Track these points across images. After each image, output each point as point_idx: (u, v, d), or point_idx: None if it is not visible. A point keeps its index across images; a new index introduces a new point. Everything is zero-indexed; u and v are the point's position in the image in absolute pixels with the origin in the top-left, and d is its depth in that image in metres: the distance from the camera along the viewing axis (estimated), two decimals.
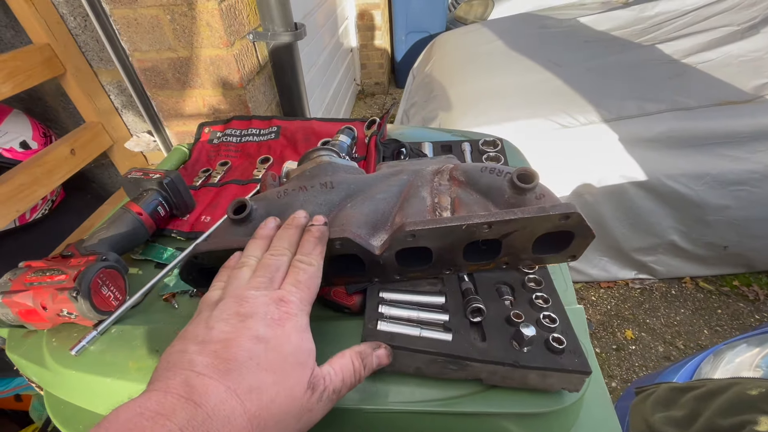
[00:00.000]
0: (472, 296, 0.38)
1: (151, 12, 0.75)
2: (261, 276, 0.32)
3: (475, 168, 0.42)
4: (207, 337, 0.28)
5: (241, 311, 0.29)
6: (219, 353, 0.26)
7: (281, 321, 0.29)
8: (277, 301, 0.30)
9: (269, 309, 0.29)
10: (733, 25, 1.71)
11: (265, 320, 0.29)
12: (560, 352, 0.34)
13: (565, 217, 0.35)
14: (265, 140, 0.75)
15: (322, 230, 0.36)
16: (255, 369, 0.26)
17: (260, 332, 0.28)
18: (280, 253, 0.34)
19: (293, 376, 0.28)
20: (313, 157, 0.49)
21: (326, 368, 0.31)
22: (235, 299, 0.30)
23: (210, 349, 0.27)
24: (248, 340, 0.27)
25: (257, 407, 0.25)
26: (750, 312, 1.67)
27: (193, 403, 0.23)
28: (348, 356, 0.32)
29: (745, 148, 1.40)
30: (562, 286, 0.46)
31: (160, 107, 0.90)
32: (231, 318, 0.29)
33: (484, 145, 0.63)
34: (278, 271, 0.33)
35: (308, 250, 0.35)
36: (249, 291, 0.31)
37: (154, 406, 0.23)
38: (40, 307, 0.41)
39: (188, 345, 0.27)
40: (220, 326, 0.28)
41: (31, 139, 0.95)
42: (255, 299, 0.30)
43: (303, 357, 0.29)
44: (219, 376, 0.25)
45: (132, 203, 0.54)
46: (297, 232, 0.37)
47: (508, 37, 2.19)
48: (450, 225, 0.35)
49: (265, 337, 0.28)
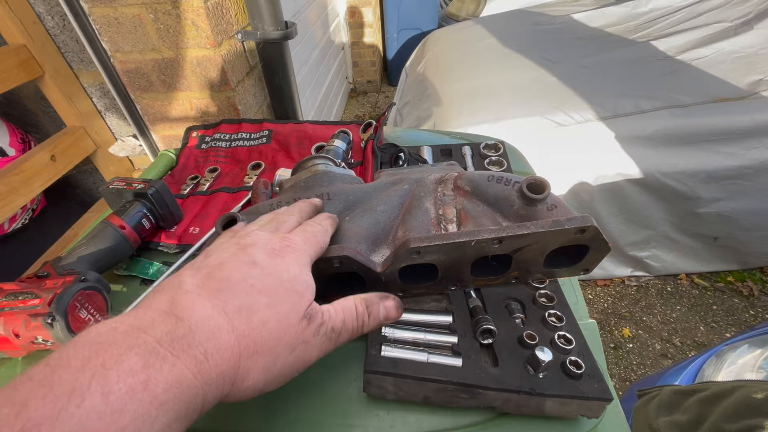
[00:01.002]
0: (482, 316, 0.35)
1: (133, 11, 0.71)
2: (267, 223, 0.33)
3: (481, 177, 0.40)
4: (203, 264, 0.27)
5: (242, 242, 0.28)
6: (212, 274, 0.26)
7: (282, 252, 0.28)
8: (281, 238, 0.30)
9: (272, 241, 0.29)
10: (727, 22, 1.71)
11: (266, 249, 0.28)
12: (579, 378, 0.31)
13: (581, 231, 0.32)
14: (256, 145, 0.72)
15: (335, 217, 0.37)
16: (247, 289, 0.25)
17: (258, 258, 0.27)
18: (290, 213, 0.34)
19: (288, 301, 0.26)
20: (307, 166, 0.46)
21: (326, 306, 0.29)
22: (239, 236, 0.30)
23: (203, 272, 0.26)
24: (244, 264, 0.26)
25: (246, 327, 0.24)
26: (745, 308, 1.68)
27: (175, 317, 0.22)
28: (351, 300, 0.30)
29: (740, 145, 1.40)
30: (572, 299, 0.44)
31: (144, 110, 0.87)
32: (231, 247, 0.28)
33: (485, 148, 0.61)
34: (285, 223, 0.33)
35: (320, 219, 0.35)
36: (253, 230, 0.31)
37: (130, 320, 0.21)
38: (12, 335, 0.38)
39: (182, 272, 0.26)
40: (217, 254, 0.28)
41: (8, 146, 0.91)
42: (258, 235, 0.30)
43: (301, 287, 0.27)
44: (208, 294, 0.24)
45: (114, 216, 0.51)
46: (310, 206, 0.37)
47: (501, 35, 2.17)
48: (457, 241, 0.33)
49: (263, 263, 0.27)
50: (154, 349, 0.20)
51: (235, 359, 0.23)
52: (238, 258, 0.27)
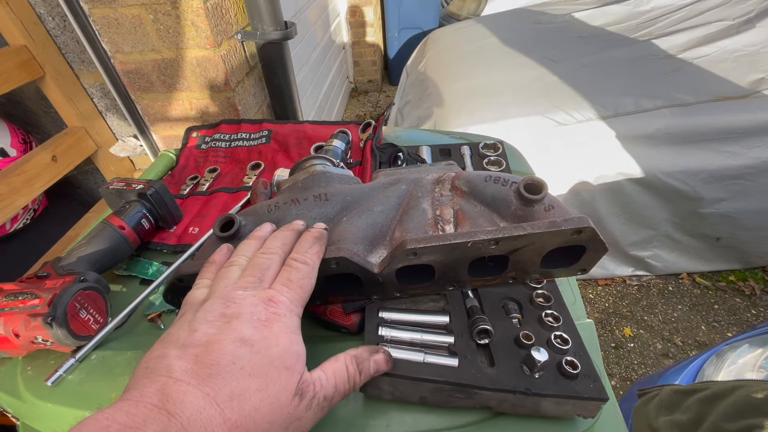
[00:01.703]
0: (479, 316, 0.36)
1: (133, 11, 0.71)
2: (250, 276, 0.30)
3: (478, 177, 0.40)
4: (188, 340, 0.26)
5: (227, 312, 0.27)
6: (200, 357, 0.24)
7: (269, 322, 0.27)
8: (265, 301, 0.28)
9: (256, 309, 0.27)
10: (728, 20, 1.70)
11: (252, 321, 0.27)
12: (574, 378, 0.31)
13: (577, 232, 0.32)
14: (256, 145, 0.72)
15: (321, 232, 0.35)
16: (238, 374, 0.24)
17: (245, 334, 0.26)
18: (273, 252, 0.32)
19: (279, 381, 0.25)
20: (305, 166, 0.46)
21: (317, 373, 0.28)
22: (222, 300, 0.28)
23: (191, 353, 0.25)
24: (232, 343, 0.25)
25: (238, 416, 0.23)
26: (746, 307, 1.67)
27: (167, 413, 0.21)
28: (342, 360, 0.30)
29: (742, 144, 1.39)
30: (570, 298, 0.44)
31: (145, 111, 0.87)
32: (216, 320, 0.27)
33: (484, 148, 0.61)
34: (268, 270, 0.31)
35: (304, 248, 0.33)
36: (236, 291, 0.29)
37: (123, 417, 0.21)
38: (12, 335, 0.38)
39: (168, 349, 0.25)
40: (203, 328, 0.26)
41: (10, 146, 0.91)
42: (242, 299, 0.28)
43: (291, 361, 0.27)
44: (198, 382, 0.23)
45: (114, 216, 0.51)
46: (292, 234, 0.35)
47: (502, 34, 2.16)
48: (454, 242, 0.33)
49: (251, 339, 0.26)
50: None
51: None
52: (225, 335, 0.25)
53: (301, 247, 0.33)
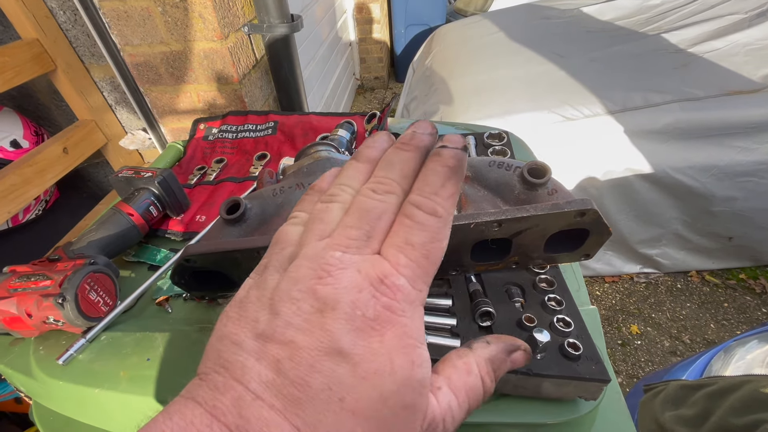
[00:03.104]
0: (481, 299, 0.36)
1: (142, 4, 0.72)
2: (353, 226, 0.20)
3: (482, 162, 0.40)
4: (269, 328, 0.19)
5: (320, 291, 0.19)
6: (283, 365, 0.18)
7: (379, 324, 0.18)
8: (375, 284, 0.19)
9: (361, 297, 0.18)
10: (740, 13, 1.67)
11: (353, 319, 0.18)
12: (576, 359, 0.31)
13: (580, 214, 0.32)
14: (262, 136, 0.73)
15: (459, 156, 0.22)
16: (336, 407, 0.17)
17: (344, 342, 0.18)
18: (387, 189, 0.21)
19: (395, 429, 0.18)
20: (310, 152, 0.47)
21: (446, 399, 0.20)
22: (313, 264, 0.20)
23: (271, 354, 0.18)
24: (325, 355, 0.18)
25: None
26: (757, 305, 1.65)
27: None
28: (476, 372, 0.22)
29: (754, 139, 1.37)
30: (574, 285, 0.44)
31: (153, 103, 0.88)
32: (303, 300, 0.19)
33: (489, 138, 0.61)
34: (380, 220, 0.20)
35: (433, 187, 0.21)
36: (333, 252, 0.20)
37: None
38: (24, 315, 0.39)
39: (245, 333, 0.19)
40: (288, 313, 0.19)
41: (22, 138, 0.93)
42: (341, 272, 0.19)
43: (412, 395, 0.18)
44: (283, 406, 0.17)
45: (123, 203, 0.52)
46: (417, 156, 0.23)
47: (509, 29, 2.15)
48: (457, 224, 0.33)
49: (352, 352, 0.18)
50: None
51: None
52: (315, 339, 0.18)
53: (429, 184, 0.21)
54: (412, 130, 0.24)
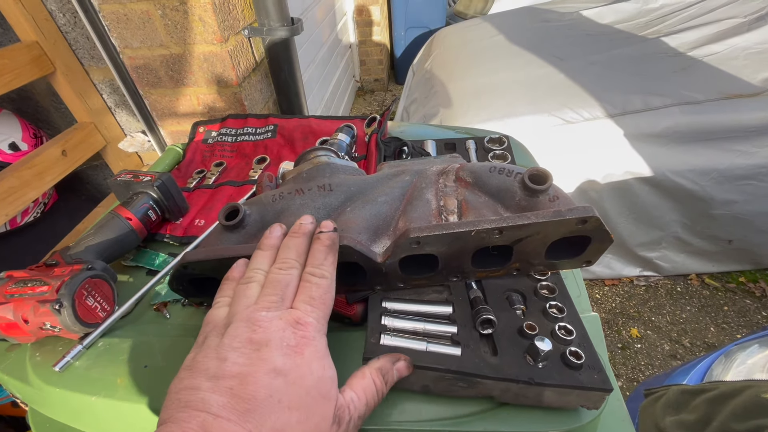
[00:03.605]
0: (482, 306, 0.35)
1: (141, 7, 0.72)
2: (271, 294, 0.29)
3: (483, 168, 0.40)
4: (219, 371, 0.25)
5: (255, 338, 0.26)
6: (235, 391, 0.24)
7: (299, 348, 0.27)
8: (293, 324, 0.28)
9: (285, 334, 0.27)
10: (740, 17, 1.68)
11: (282, 348, 0.26)
12: (578, 368, 0.31)
13: (582, 222, 0.32)
14: (262, 139, 0.72)
15: (333, 237, 0.33)
16: (276, 407, 0.24)
17: (278, 364, 0.25)
18: (289, 266, 0.31)
19: (318, 411, 0.25)
20: (310, 157, 0.46)
21: (348, 394, 0.28)
22: (246, 323, 0.27)
23: (224, 385, 0.24)
24: (266, 375, 0.25)
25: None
26: (757, 309, 1.65)
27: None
28: (369, 376, 0.30)
29: (753, 143, 1.37)
30: (575, 291, 0.43)
31: (153, 106, 0.88)
32: (243, 347, 0.26)
33: (489, 142, 0.61)
34: (288, 287, 0.30)
35: (319, 260, 0.32)
36: (260, 312, 0.28)
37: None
38: (21, 321, 0.38)
39: (199, 380, 0.25)
40: (233, 357, 0.26)
41: (21, 141, 0.93)
42: (269, 323, 0.27)
43: (326, 388, 0.27)
44: (238, 417, 0.23)
45: (121, 207, 0.51)
46: (305, 241, 0.33)
47: (509, 32, 2.15)
48: (458, 231, 0.33)
49: (284, 369, 0.25)
50: None
51: None
52: (258, 366, 0.25)
53: (316, 258, 0.32)
54: (299, 222, 0.35)
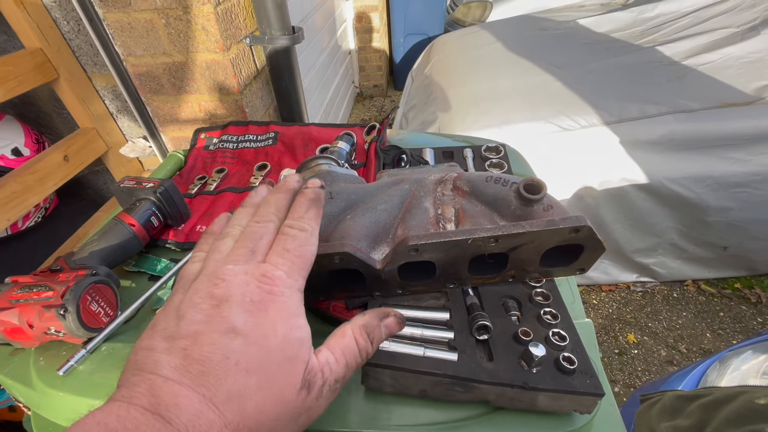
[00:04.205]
0: (478, 312, 0.36)
1: (146, 16, 0.73)
2: (242, 247, 0.27)
3: (479, 177, 0.41)
4: (176, 330, 0.23)
5: (216, 293, 0.24)
6: (189, 351, 0.22)
7: (263, 304, 0.24)
8: (258, 278, 0.25)
9: (248, 289, 0.24)
10: (733, 27, 1.71)
11: (243, 305, 0.24)
12: (571, 373, 0.32)
13: (575, 231, 0.33)
14: (263, 146, 0.74)
15: (317, 192, 0.32)
16: (233, 371, 0.22)
17: (237, 322, 0.23)
18: (266, 220, 0.29)
19: (282, 376, 0.23)
20: (311, 166, 0.48)
21: (324, 356, 0.26)
22: (210, 277, 0.25)
23: (179, 346, 0.22)
24: (223, 335, 0.23)
25: (240, 418, 0.21)
26: (752, 315, 1.66)
27: (161, 419, 0.19)
28: (350, 335, 0.27)
29: (747, 150, 1.39)
30: (569, 298, 0.44)
31: (155, 113, 0.89)
32: (203, 302, 0.24)
33: (486, 151, 0.62)
34: (262, 240, 0.28)
35: (299, 213, 0.30)
36: (226, 266, 0.26)
37: (114, 423, 0.19)
38: (26, 326, 0.39)
39: (155, 340, 0.23)
40: (190, 314, 0.24)
41: (24, 146, 0.93)
42: (232, 277, 0.25)
43: (292, 350, 0.24)
44: (191, 381, 0.21)
45: (124, 213, 0.52)
46: (287, 196, 0.31)
47: (507, 40, 2.18)
48: (455, 239, 0.34)
49: (244, 328, 0.23)
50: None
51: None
52: (213, 325, 0.23)
53: (296, 212, 0.30)
54: (284, 179, 0.33)
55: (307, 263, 0.28)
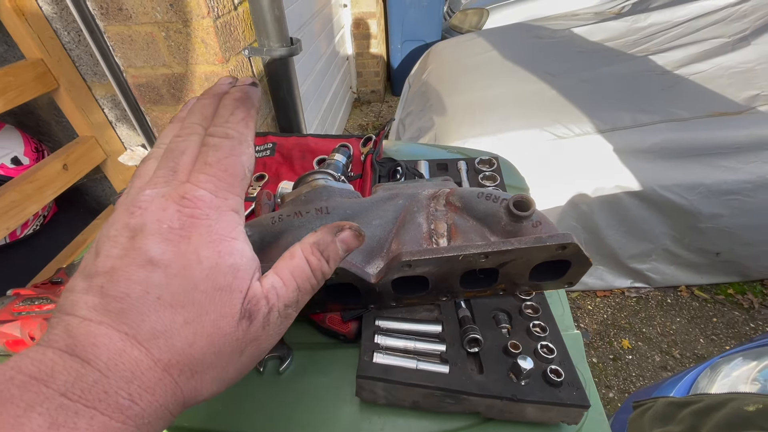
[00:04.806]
0: (469, 325, 0.38)
1: (146, 29, 0.75)
2: (162, 167, 0.24)
3: (471, 194, 0.42)
4: (93, 267, 0.21)
5: (131, 223, 0.21)
6: (106, 289, 0.20)
7: (185, 230, 0.21)
8: (177, 201, 0.22)
9: (166, 215, 0.21)
10: (724, 37, 1.74)
11: (161, 234, 0.21)
12: (558, 385, 0.33)
13: (562, 248, 0.34)
14: (261, 157, 0.75)
15: (246, 89, 0.27)
16: (155, 305, 0.20)
17: (154, 253, 0.21)
18: (188, 132, 0.25)
19: (213, 307, 0.21)
20: (308, 180, 0.49)
21: (270, 280, 0.23)
22: (127, 206, 0.22)
23: (96, 284, 0.20)
24: (140, 268, 0.20)
25: (170, 354, 0.20)
26: (745, 320, 1.68)
27: (79, 360, 0.18)
28: (299, 254, 0.25)
29: (738, 159, 1.42)
30: (558, 310, 0.46)
31: (154, 122, 0.90)
32: (119, 235, 0.21)
33: (480, 163, 0.63)
34: (183, 155, 0.24)
35: (223, 118, 0.25)
36: (144, 191, 0.23)
37: (28, 366, 0.17)
38: (28, 338, 0.40)
39: (76, 280, 0.21)
40: (105, 249, 0.21)
41: (23, 155, 0.94)
42: (148, 203, 0.22)
43: (223, 279, 0.21)
44: (111, 320, 0.19)
45: None
46: (213, 101, 0.27)
47: (503, 47, 2.21)
48: (446, 255, 0.35)
49: (162, 258, 0.21)
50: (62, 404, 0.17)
51: (171, 388, 0.20)
52: (129, 259, 0.21)
53: (220, 116, 0.25)
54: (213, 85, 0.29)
55: (238, 176, 0.24)
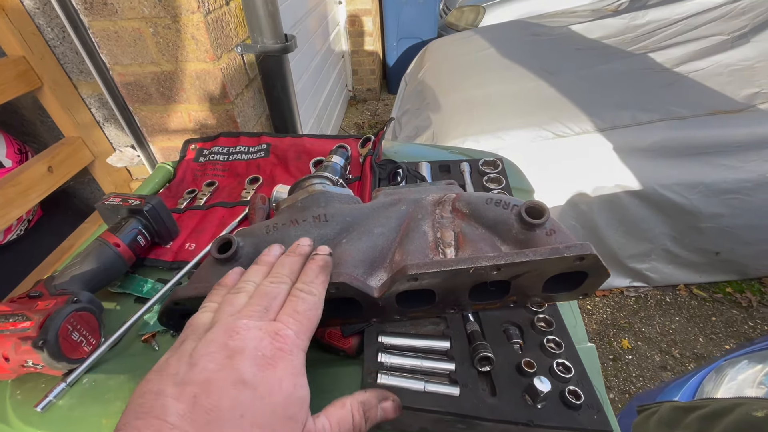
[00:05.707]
0: (480, 342, 0.35)
1: (133, 25, 0.71)
2: (256, 304, 0.29)
3: (479, 199, 0.39)
4: (187, 376, 0.24)
5: (230, 344, 0.25)
6: (198, 399, 0.23)
7: (273, 360, 0.25)
8: (271, 335, 0.27)
9: (261, 344, 0.26)
10: (723, 35, 1.73)
11: (255, 359, 0.25)
12: (577, 408, 0.31)
13: (579, 259, 0.32)
14: (255, 158, 0.72)
15: (327, 260, 0.33)
16: (238, 423, 0.22)
17: (247, 375, 0.24)
18: (280, 281, 0.31)
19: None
20: (305, 185, 0.46)
21: (321, 421, 0.27)
22: (225, 329, 0.27)
23: (189, 392, 0.23)
24: (233, 385, 0.24)
25: None
26: (744, 319, 1.68)
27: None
28: (348, 407, 0.28)
29: (738, 157, 1.40)
30: (571, 321, 0.43)
31: (143, 122, 0.86)
32: (217, 352, 0.25)
33: (484, 165, 0.61)
34: (275, 300, 0.30)
35: (310, 278, 0.32)
36: (241, 320, 0.27)
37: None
38: (1, 359, 0.37)
39: (165, 385, 0.24)
40: (203, 362, 0.25)
41: (5, 157, 0.90)
42: (247, 331, 0.26)
43: (294, 409, 0.25)
44: (196, 429, 0.22)
45: (109, 233, 0.50)
46: (300, 260, 0.34)
47: (500, 45, 2.18)
48: (456, 268, 0.32)
49: (253, 381, 0.24)
50: None
51: None
52: (226, 374, 0.24)
53: (307, 276, 0.32)
54: (297, 243, 0.35)
55: (313, 326, 0.29)
